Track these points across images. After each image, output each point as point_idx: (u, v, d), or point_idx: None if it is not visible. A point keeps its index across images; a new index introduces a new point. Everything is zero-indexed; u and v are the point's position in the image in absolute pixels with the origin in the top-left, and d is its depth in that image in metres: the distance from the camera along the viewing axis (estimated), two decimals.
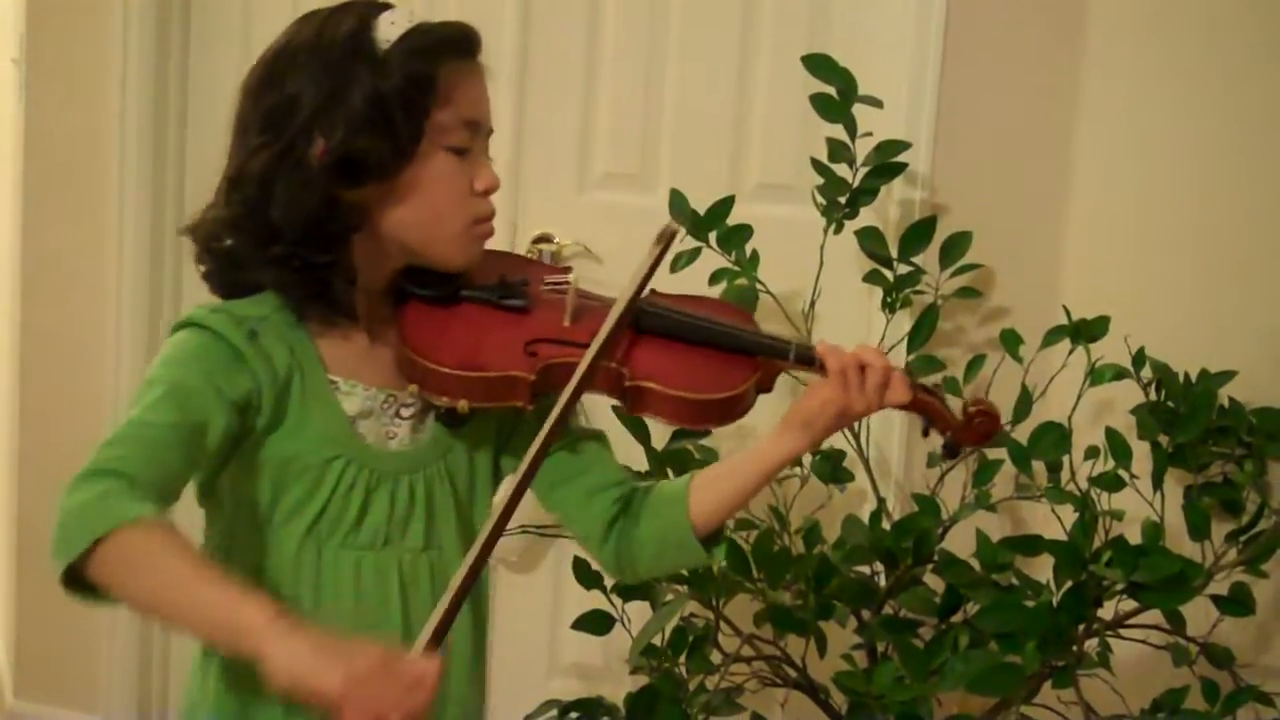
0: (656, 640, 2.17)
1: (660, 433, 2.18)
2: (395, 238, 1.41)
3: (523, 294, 1.48)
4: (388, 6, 1.41)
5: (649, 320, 1.47)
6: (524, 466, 1.35)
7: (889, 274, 2.32)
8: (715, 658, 2.23)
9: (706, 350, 1.47)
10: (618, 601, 2.23)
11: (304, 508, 1.41)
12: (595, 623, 2.25)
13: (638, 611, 2.22)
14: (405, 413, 1.46)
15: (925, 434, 1.52)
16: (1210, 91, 2.34)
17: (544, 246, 2.65)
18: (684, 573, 2.17)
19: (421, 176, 1.39)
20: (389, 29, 1.37)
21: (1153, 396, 2.22)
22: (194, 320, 1.39)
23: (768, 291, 2.27)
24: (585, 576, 2.22)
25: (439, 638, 1.23)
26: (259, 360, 1.37)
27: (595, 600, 2.23)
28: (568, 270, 1.55)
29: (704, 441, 2.26)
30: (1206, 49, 2.33)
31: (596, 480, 1.53)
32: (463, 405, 1.41)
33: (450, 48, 1.39)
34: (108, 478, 1.24)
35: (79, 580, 1.21)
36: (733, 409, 1.45)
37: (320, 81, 1.36)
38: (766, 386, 1.48)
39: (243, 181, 1.39)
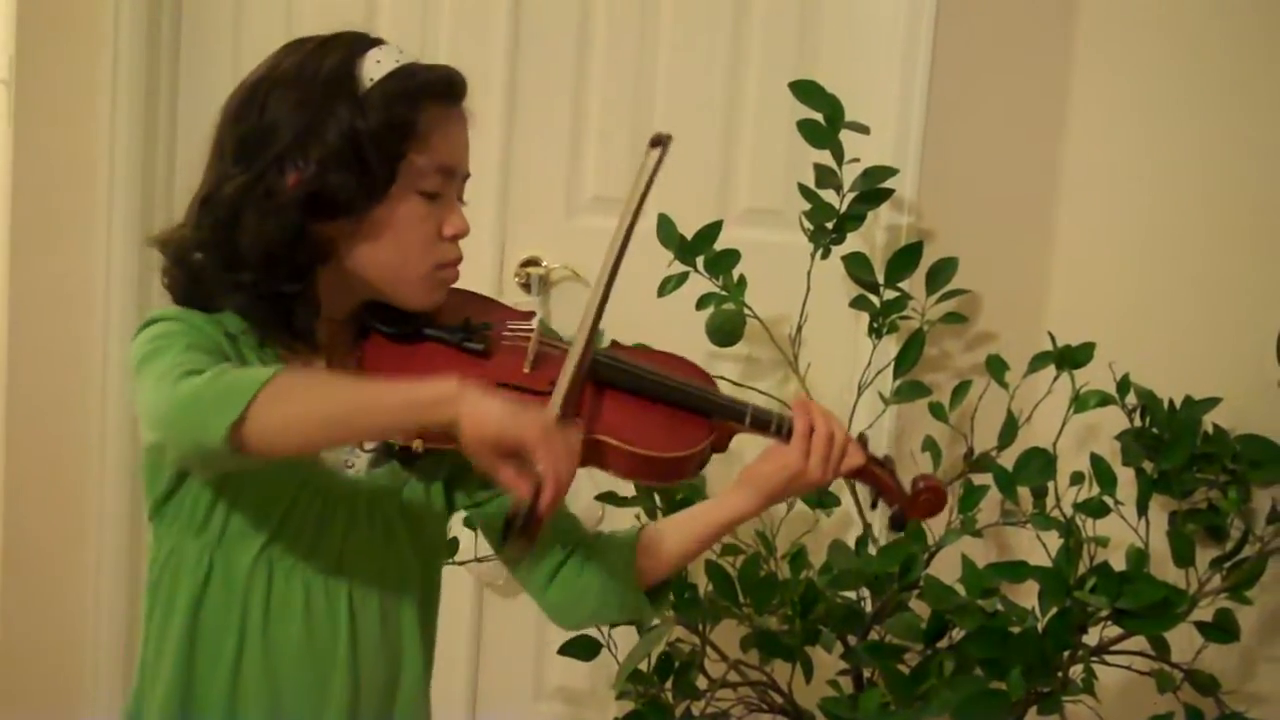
0: (643, 665, 2.17)
1: None
2: (360, 274, 1.41)
3: (485, 338, 1.46)
4: (377, 43, 1.40)
5: (610, 373, 1.45)
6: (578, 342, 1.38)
7: (875, 299, 2.33)
8: (701, 683, 2.23)
9: (662, 407, 1.46)
10: (604, 627, 2.23)
11: (258, 527, 1.41)
12: (582, 648, 2.24)
13: (624, 637, 2.21)
14: (366, 446, 1.46)
15: (874, 506, 1.54)
16: (1194, 121, 2.36)
17: (532, 270, 2.66)
18: (671, 597, 2.16)
19: (391, 217, 1.38)
20: (374, 67, 1.37)
21: (1137, 423, 2.23)
22: (168, 315, 1.38)
23: (755, 316, 2.28)
24: None
25: (569, 407, 1.33)
26: (235, 362, 1.37)
27: None
28: (532, 315, 1.53)
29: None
30: (1189, 81, 2.35)
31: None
32: (417, 445, 1.38)
33: (433, 92, 1.39)
34: (212, 365, 1.26)
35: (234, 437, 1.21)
36: (685, 468, 1.44)
37: (299, 113, 1.36)
38: (721, 447, 1.48)
39: (214, 204, 1.39)
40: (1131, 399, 2.22)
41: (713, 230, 2.27)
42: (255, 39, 2.71)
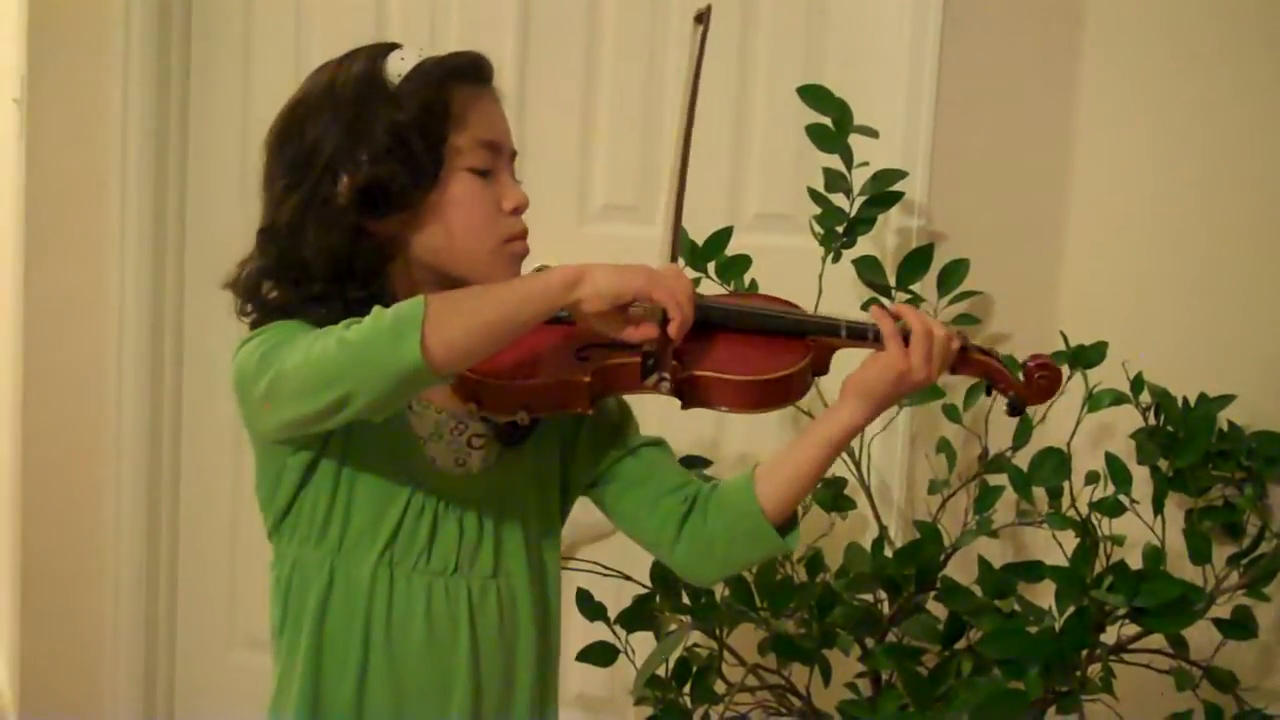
0: (661, 671, 2.17)
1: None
2: (428, 263, 1.44)
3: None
4: (396, 46, 1.44)
5: (699, 313, 1.46)
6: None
7: (887, 302, 2.33)
8: (719, 688, 2.23)
9: (756, 336, 1.48)
10: (622, 633, 2.23)
11: (375, 531, 1.44)
12: (600, 654, 2.24)
13: (642, 643, 2.22)
14: (477, 442, 1.48)
15: (989, 393, 1.54)
16: (1207, 119, 2.36)
17: None
18: (687, 602, 2.17)
19: (446, 200, 1.42)
20: (399, 64, 1.41)
21: (1152, 421, 2.23)
22: (266, 327, 1.41)
23: None
24: (589, 608, 2.22)
25: (675, 252, 1.46)
26: None
27: (599, 632, 2.23)
28: None
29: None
30: (1202, 79, 2.35)
31: (661, 484, 1.54)
32: (522, 417, 1.42)
33: (460, 74, 1.43)
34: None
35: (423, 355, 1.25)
36: (789, 389, 1.44)
37: (338, 123, 1.40)
38: (822, 368, 1.48)
39: (274, 230, 1.42)
40: (1145, 397, 2.22)
41: (724, 236, 2.28)
42: (265, 53, 2.73)
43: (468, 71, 1.44)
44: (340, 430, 1.39)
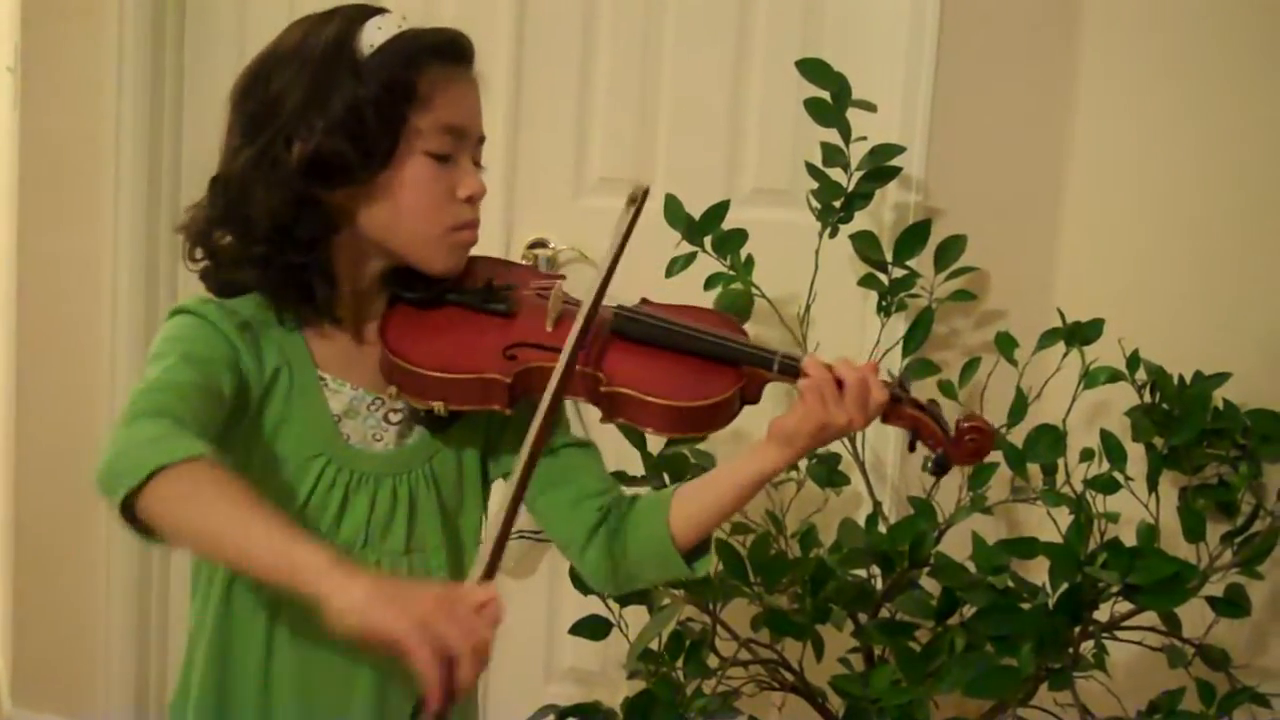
0: (653, 645, 2.17)
1: (655, 438, 2.18)
2: (374, 239, 1.43)
3: (506, 299, 1.48)
4: (378, 11, 1.41)
5: (629, 326, 1.47)
6: (518, 469, 1.31)
7: (884, 278, 2.32)
8: (712, 662, 2.23)
9: (689, 358, 1.45)
10: (615, 606, 2.23)
11: (285, 504, 1.42)
12: (592, 628, 2.25)
13: (635, 616, 2.22)
14: (394, 418, 1.48)
15: (911, 448, 1.47)
16: (1205, 93, 2.35)
17: (540, 252, 2.66)
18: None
19: (398, 180, 1.39)
20: (374, 34, 1.38)
21: (1147, 399, 2.22)
22: (187, 308, 1.41)
23: (763, 296, 2.28)
24: (582, 582, 2.21)
25: (491, 571, 1.21)
26: (248, 353, 1.39)
27: (592, 605, 2.24)
28: (560, 278, 1.54)
29: (701, 446, 2.27)
30: (1202, 50, 2.34)
31: (581, 489, 1.53)
32: (439, 407, 1.41)
33: (435, 53, 1.40)
34: (159, 418, 1.24)
35: (130, 514, 1.21)
36: (714, 418, 1.43)
37: (302, 85, 1.37)
38: (752, 397, 1.46)
39: (225, 181, 1.41)
40: (1141, 375, 2.22)
41: (720, 210, 2.27)
42: (259, 21, 2.71)
43: (444, 50, 1.41)
44: (251, 407, 1.39)
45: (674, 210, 2.26)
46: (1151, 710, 2.09)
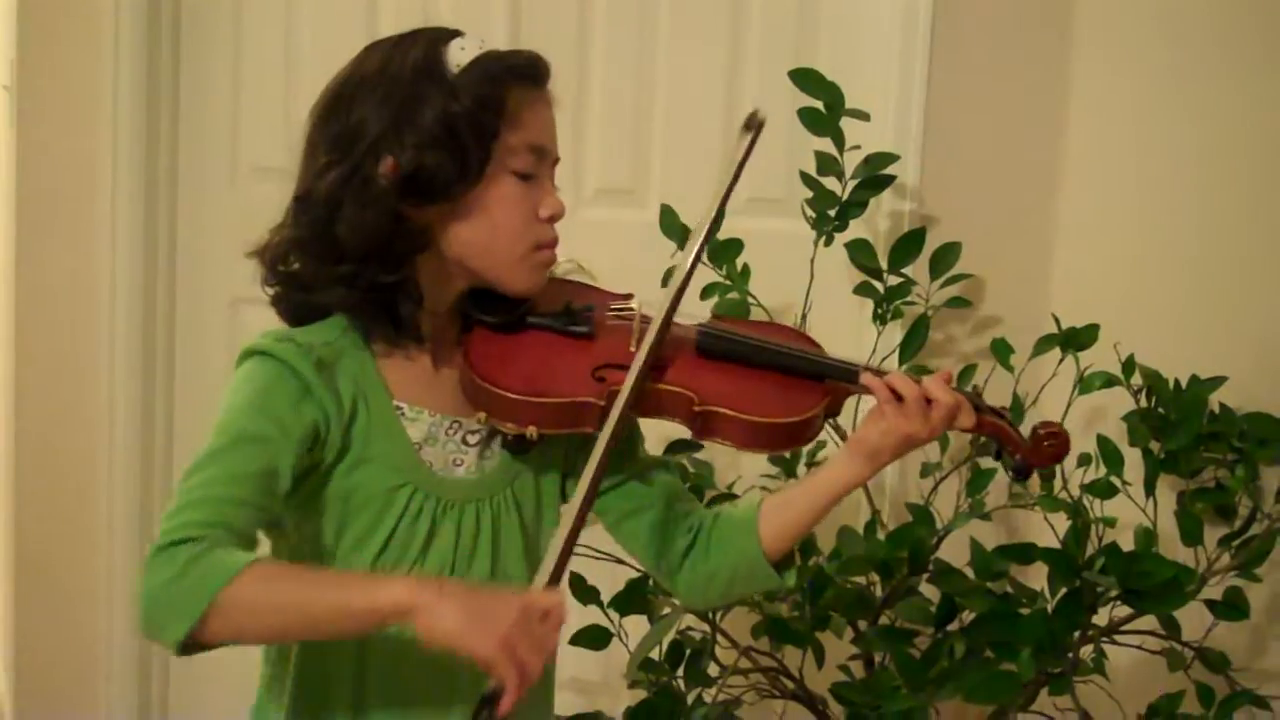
0: (654, 654, 2.18)
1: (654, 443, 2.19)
2: (459, 259, 1.42)
3: (588, 320, 1.48)
4: (457, 33, 1.42)
5: (716, 344, 1.47)
6: (586, 478, 1.34)
7: (879, 285, 2.33)
8: (713, 670, 2.23)
9: (774, 374, 1.47)
10: (615, 616, 2.24)
11: (370, 537, 1.41)
12: (593, 637, 2.25)
13: (635, 626, 2.22)
14: (471, 439, 1.46)
15: (996, 457, 1.51)
16: (1199, 100, 2.36)
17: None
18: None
19: (487, 198, 1.40)
20: (459, 54, 1.39)
21: (1143, 403, 2.23)
22: (262, 349, 1.38)
23: (759, 305, 2.28)
24: (582, 591, 2.22)
25: (557, 578, 1.28)
26: (326, 392, 1.37)
27: (593, 615, 2.24)
28: (630, 297, 1.54)
29: (699, 455, 2.27)
30: (1195, 58, 2.35)
31: (666, 512, 1.54)
32: (532, 432, 1.40)
33: (519, 74, 1.41)
34: (189, 545, 1.23)
35: (190, 642, 1.22)
36: (802, 433, 1.45)
37: (390, 104, 1.37)
38: (835, 411, 1.48)
39: (311, 201, 1.40)
40: (1137, 379, 2.22)
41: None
42: (256, 36, 2.72)
43: (526, 72, 1.42)
44: (332, 446, 1.38)
45: (669, 221, 2.27)
46: (1151, 714, 2.10)
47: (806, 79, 2.25)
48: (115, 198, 2.75)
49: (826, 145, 2.26)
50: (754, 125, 1.50)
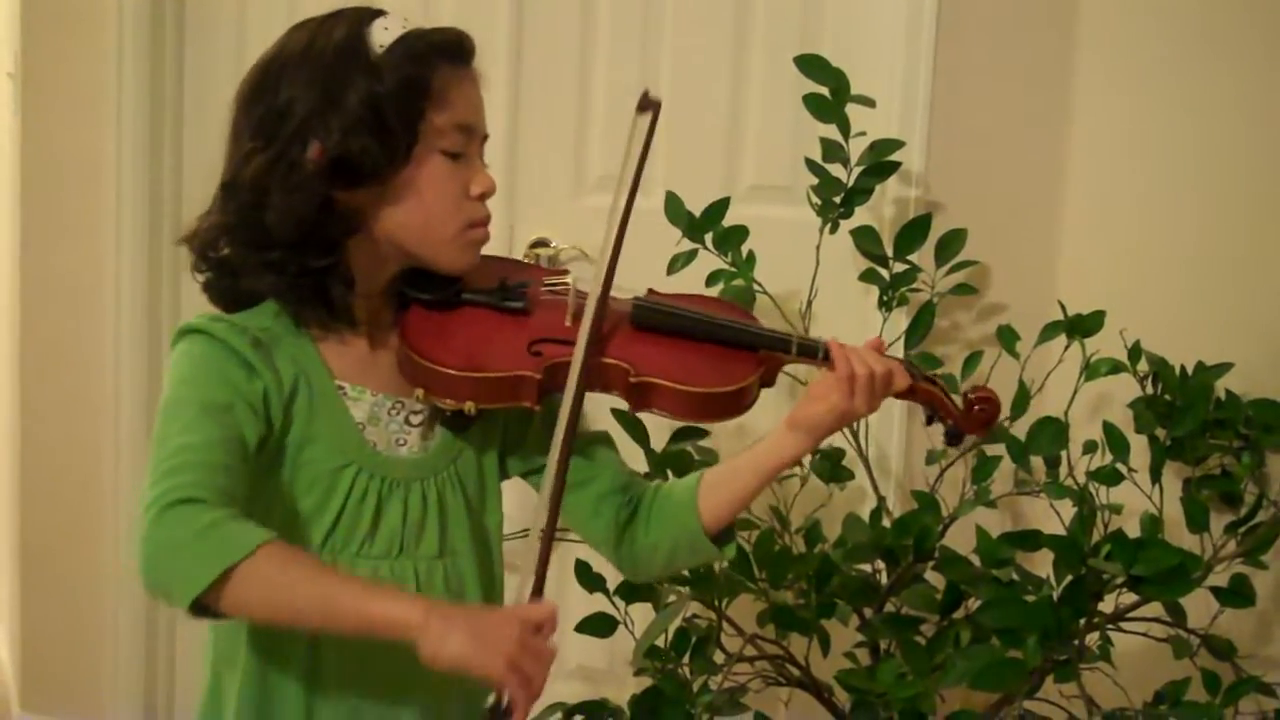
0: (660, 642, 2.18)
1: (658, 436, 2.19)
2: (391, 241, 1.42)
3: (523, 296, 1.49)
4: (380, 13, 1.41)
5: (651, 317, 1.49)
6: (549, 478, 1.36)
7: (885, 272, 2.33)
8: (718, 658, 2.24)
9: (709, 346, 1.49)
10: (620, 604, 2.24)
11: (318, 518, 1.41)
12: (598, 625, 2.25)
13: (641, 613, 2.22)
14: (414, 419, 1.47)
15: (929, 423, 1.56)
16: (1205, 85, 2.35)
17: (541, 251, 2.66)
18: (686, 573, 2.17)
19: (416, 179, 1.40)
20: (383, 34, 1.38)
21: (1149, 390, 2.23)
22: (196, 328, 1.39)
23: (764, 292, 2.28)
24: (588, 579, 2.22)
25: (540, 587, 1.32)
26: (265, 369, 1.37)
27: (598, 603, 2.24)
28: (565, 273, 1.56)
29: (704, 442, 2.27)
30: (1201, 42, 2.34)
31: (605, 486, 1.54)
32: (469, 407, 1.41)
33: (444, 52, 1.41)
34: (200, 506, 1.24)
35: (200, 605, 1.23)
36: (738, 402, 1.46)
37: (313, 86, 1.37)
38: (769, 380, 1.50)
39: (237, 187, 1.40)
40: (1143, 366, 2.22)
41: (720, 207, 2.27)
42: (259, 29, 2.72)
43: (451, 50, 1.42)
44: (275, 425, 1.38)
45: (675, 208, 2.27)
46: (1157, 701, 2.10)
47: (812, 65, 2.24)
48: (120, 187, 2.75)
49: (832, 132, 2.25)
50: (649, 106, 1.49)
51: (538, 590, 1.32)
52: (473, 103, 1.43)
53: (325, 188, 1.37)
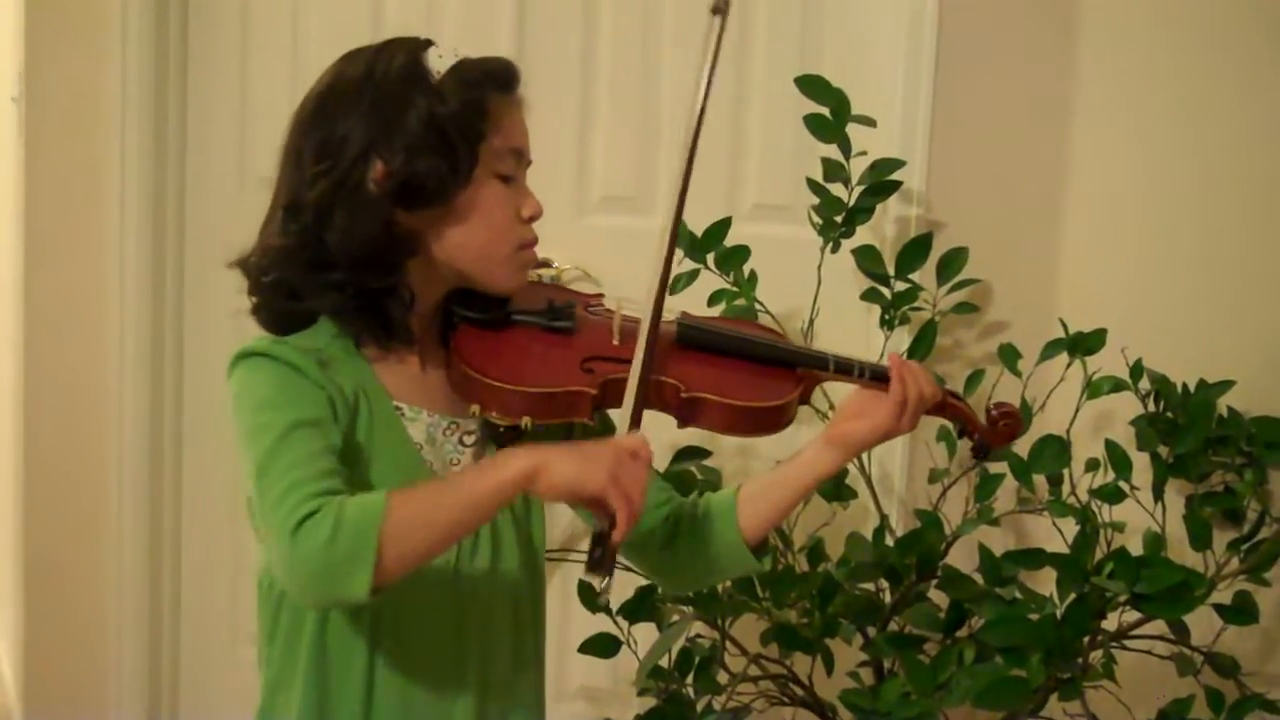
0: (663, 662, 2.18)
1: (660, 456, 2.19)
2: (449, 261, 1.44)
3: (571, 315, 1.52)
4: (430, 42, 1.44)
5: (695, 335, 1.53)
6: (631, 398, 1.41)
7: (886, 291, 2.33)
8: (722, 678, 2.23)
9: (751, 364, 1.54)
10: (624, 624, 2.24)
11: None
12: (602, 646, 2.25)
13: (644, 633, 2.22)
14: (468, 440, 1.49)
15: (959, 436, 1.62)
16: (1205, 104, 2.36)
17: (544, 272, 2.65)
18: (689, 593, 2.18)
19: (475, 201, 1.42)
20: (439, 61, 1.42)
21: (1151, 407, 2.23)
22: (260, 351, 1.39)
23: (767, 311, 2.29)
24: (591, 600, 2.22)
25: (636, 422, 1.39)
26: (332, 388, 1.38)
27: (601, 623, 2.24)
28: (601, 296, 1.61)
29: (707, 462, 2.27)
30: (1200, 64, 2.35)
31: (649, 500, 1.55)
32: (526, 422, 1.43)
33: (496, 79, 1.45)
34: (317, 515, 1.25)
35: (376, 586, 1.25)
36: (781, 417, 1.51)
37: (376, 111, 1.39)
38: (807, 398, 1.55)
39: (299, 209, 1.41)
40: (1145, 384, 2.22)
41: (722, 227, 2.28)
42: (262, 48, 2.72)
43: (503, 77, 1.46)
44: (342, 434, 1.38)
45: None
46: (1161, 719, 2.09)
47: (813, 85, 2.25)
48: (123, 208, 2.75)
49: (833, 151, 2.26)
50: (721, 9, 1.56)
51: (635, 424, 1.39)
52: (522, 128, 1.48)
53: (389, 209, 1.39)
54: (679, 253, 2.25)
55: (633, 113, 2.64)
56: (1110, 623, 2.11)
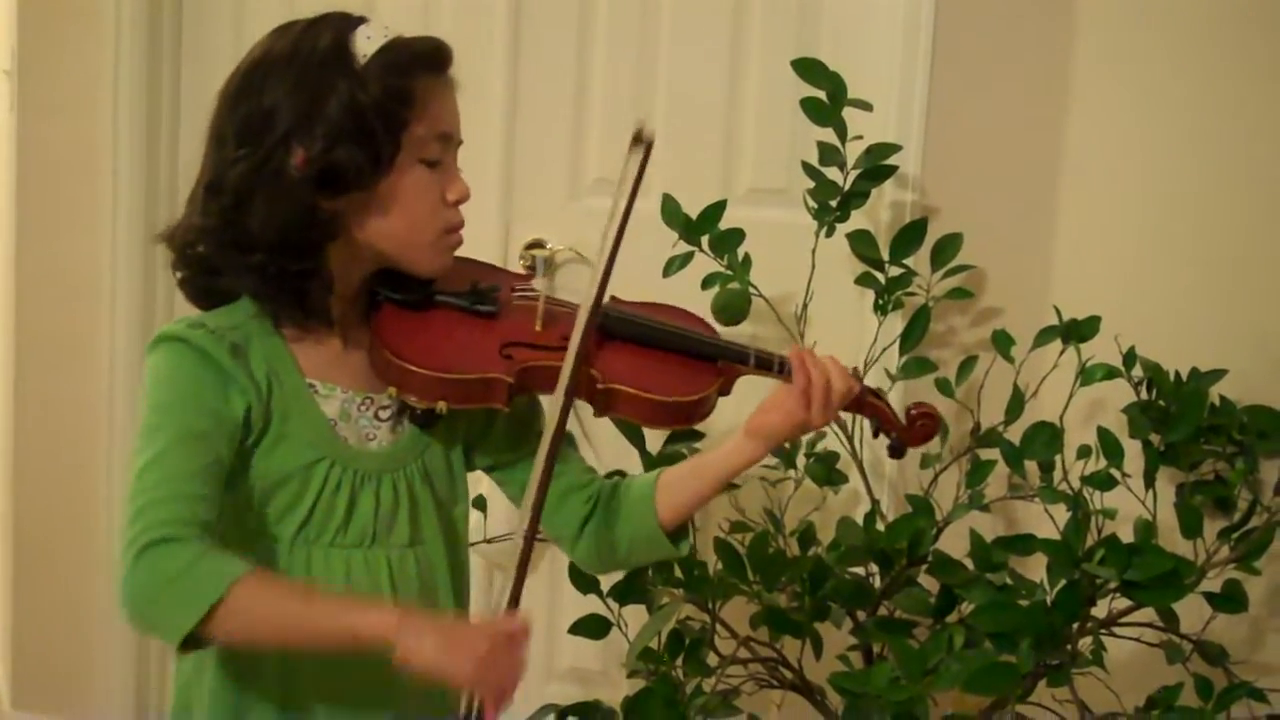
0: (653, 644, 2.18)
1: (654, 437, 2.19)
2: (371, 246, 1.44)
3: (494, 299, 1.51)
4: (363, 20, 1.43)
5: (617, 326, 1.52)
6: (534, 485, 1.39)
7: (881, 276, 2.33)
8: (712, 660, 2.24)
9: (672, 355, 1.53)
10: (614, 605, 2.24)
11: (292, 511, 1.44)
12: (592, 627, 2.25)
13: (634, 615, 2.22)
14: (383, 414, 1.49)
15: (875, 435, 1.63)
16: (1201, 90, 2.35)
17: (537, 252, 2.66)
18: (680, 575, 2.18)
19: (398, 187, 1.41)
20: (365, 43, 1.40)
21: (1144, 395, 2.23)
22: (176, 335, 1.40)
23: (760, 295, 2.28)
24: (581, 581, 2.22)
25: (516, 599, 1.36)
26: (245, 377, 1.40)
27: (592, 604, 2.24)
28: (531, 277, 1.63)
29: (699, 444, 2.27)
30: (1197, 47, 2.35)
31: (568, 482, 1.58)
32: (442, 406, 1.44)
33: (425, 62, 1.42)
34: (176, 545, 1.27)
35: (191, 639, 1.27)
36: (697, 411, 1.51)
37: (298, 93, 1.38)
38: (726, 390, 1.55)
39: (220, 191, 1.41)
40: (1138, 371, 2.22)
41: (717, 210, 2.27)
42: (256, 27, 2.69)
43: (432, 59, 1.43)
44: (254, 427, 1.40)
45: (671, 210, 2.27)
46: (1149, 706, 2.10)
47: (809, 69, 2.25)
48: (116, 182, 2.75)
49: (829, 135, 2.26)
50: (642, 142, 1.48)
51: (514, 601, 1.36)
52: (451, 111, 1.46)
53: (309, 195, 1.38)
54: (673, 235, 2.26)
55: (627, 95, 2.63)
56: (1100, 610, 2.12)
